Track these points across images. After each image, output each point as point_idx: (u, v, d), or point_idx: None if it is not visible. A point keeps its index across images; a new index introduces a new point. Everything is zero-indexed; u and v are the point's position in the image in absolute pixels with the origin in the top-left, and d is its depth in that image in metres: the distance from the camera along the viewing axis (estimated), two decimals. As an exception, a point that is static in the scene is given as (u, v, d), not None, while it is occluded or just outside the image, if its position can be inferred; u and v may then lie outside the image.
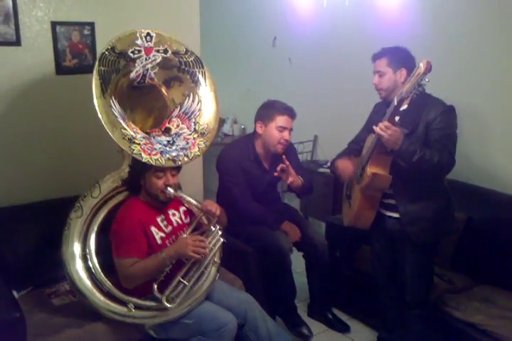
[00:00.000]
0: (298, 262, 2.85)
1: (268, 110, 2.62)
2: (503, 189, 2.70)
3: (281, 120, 2.57)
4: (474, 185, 2.79)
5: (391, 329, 2.50)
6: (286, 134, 2.58)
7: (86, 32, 2.55)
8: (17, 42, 2.38)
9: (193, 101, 2.32)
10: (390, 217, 2.26)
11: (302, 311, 2.88)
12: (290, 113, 2.60)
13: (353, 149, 2.44)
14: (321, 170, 3.80)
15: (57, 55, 2.49)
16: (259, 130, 2.63)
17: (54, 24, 2.45)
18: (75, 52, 2.54)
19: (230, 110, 4.07)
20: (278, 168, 2.55)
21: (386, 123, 2.00)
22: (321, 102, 3.95)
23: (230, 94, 4.01)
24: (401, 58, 2.16)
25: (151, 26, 2.30)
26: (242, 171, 2.62)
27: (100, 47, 2.53)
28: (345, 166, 2.35)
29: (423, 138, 2.10)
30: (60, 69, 2.52)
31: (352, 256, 2.89)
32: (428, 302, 2.34)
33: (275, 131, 2.58)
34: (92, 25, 2.55)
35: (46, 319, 2.13)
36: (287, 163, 2.55)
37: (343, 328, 2.80)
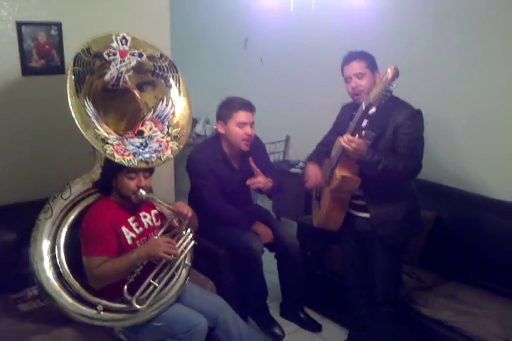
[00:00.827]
0: (270, 262, 2.85)
1: (225, 108, 2.61)
2: (470, 188, 2.77)
3: (239, 116, 2.56)
4: (442, 185, 2.86)
5: (361, 327, 2.53)
6: (247, 129, 2.57)
7: (53, 32, 2.50)
8: (-20, 43, 2.33)
9: (166, 105, 2.32)
10: (359, 217, 2.29)
11: (274, 311, 2.89)
12: (247, 107, 2.58)
13: (322, 151, 2.46)
14: (293, 170, 3.82)
15: (23, 55, 2.44)
16: (221, 130, 2.63)
17: (19, 24, 2.40)
18: (42, 53, 2.49)
19: (202, 110, 4.06)
20: (248, 183, 2.58)
21: (349, 136, 2.01)
22: (292, 102, 3.98)
23: (202, 95, 3.99)
24: (374, 61, 2.18)
25: (120, 27, 2.29)
26: (211, 172, 2.62)
27: (68, 48, 2.51)
28: (314, 174, 2.36)
29: (391, 142, 2.12)
30: (27, 70, 2.47)
31: (323, 255, 2.92)
32: (397, 301, 2.38)
33: (236, 127, 2.57)
34: (59, 25, 2.50)
35: (12, 325, 2.09)
36: (257, 170, 2.59)
37: (315, 327, 2.83)
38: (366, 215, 2.25)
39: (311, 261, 2.91)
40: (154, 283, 2.07)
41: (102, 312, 2.03)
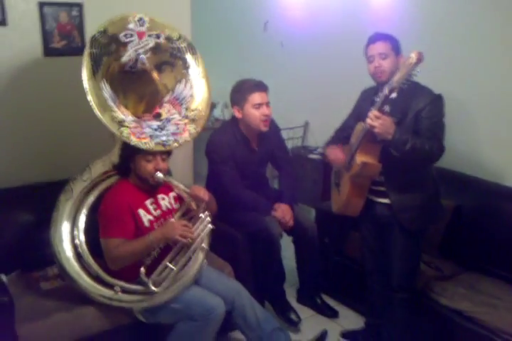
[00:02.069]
0: (287, 247, 2.85)
1: (238, 93, 2.60)
2: (490, 177, 2.72)
3: (253, 98, 2.54)
4: (462, 173, 2.81)
5: (378, 314, 2.53)
6: (264, 109, 2.56)
7: (74, 13, 2.50)
8: (3, 23, 2.33)
9: (184, 86, 2.31)
10: (379, 202, 2.27)
11: (291, 296, 2.89)
12: (260, 88, 2.57)
13: (341, 137, 2.43)
14: (312, 156, 3.80)
15: (45, 36, 2.45)
16: (238, 114, 2.62)
17: (41, 4, 2.40)
18: (63, 34, 2.50)
19: (220, 94, 4.01)
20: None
21: (376, 112, 1.99)
22: (312, 88, 3.93)
23: (220, 79, 3.96)
24: (399, 45, 2.16)
25: (141, 8, 2.28)
26: (231, 155, 2.61)
27: (89, 29, 2.50)
28: (336, 156, 2.35)
29: (412, 127, 2.10)
30: (48, 50, 2.48)
31: (341, 242, 2.90)
32: (414, 288, 2.36)
33: (252, 110, 2.55)
34: (80, 6, 2.50)
35: (34, 303, 2.13)
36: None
37: (332, 313, 2.82)
38: (386, 201, 2.23)
39: (329, 248, 2.90)
40: (171, 265, 2.08)
41: (119, 293, 2.06)
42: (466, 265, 2.62)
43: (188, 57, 2.31)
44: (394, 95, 1.95)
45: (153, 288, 2.03)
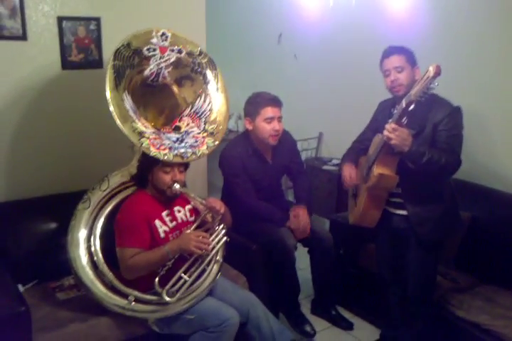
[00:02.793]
0: (302, 259, 2.84)
1: (252, 105, 2.63)
2: (507, 188, 2.70)
3: (266, 112, 2.57)
4: (478, 185, 2.78)
5: (395, 326, 2.50)
6: (275, 124, 2.57)
7: (92, 27, 2.55)
8: (23, 37, 2.38)
9: (204, 101, 2.35)
10: (396, 214, 2.26)
11: (306, 308, 2.88)
12: (274, 103, 2.59)
13: (358, 148, 2.44)
14: (326, 167, 3.79)
15: (63, 49, 2.50)
16: (249, 126, 2.64)
17: (60, 19, 2.45)
18: (81, 47, 2.54)
19: (234, 106, 4.03)
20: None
21: (393, 125, 1.99)
22: (325, 99, 3.94)
23: (235, 90, 3.99)
24: (414, 57, 2.17)
25: (157, 22, 2.32)
26: (243, 168, 2.62)
27: (106, 43, 2.56)
28: (349, 174, 2.37)
29: (430, 139, 2.10)
30: (66, 64, 2.53)
31: (356, 253, 2.89)
32: (430, 299, 2.34)
33: (263, 123, 2.58)
34: (98, 20, 2.55)
35: (51, 313, 2.14)
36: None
37: (347, 325, 2.80)
38: (403, 212, 2.23)
39: (344, 259, 2.89)
40: (185, 276, 2.08)
41: (133, 303, 2.07)
42: (482, 277, 2.59)
43: (208, 72, 2.35)
44: (412, 107, 1.95)
45: (167, 298, 2.03)
